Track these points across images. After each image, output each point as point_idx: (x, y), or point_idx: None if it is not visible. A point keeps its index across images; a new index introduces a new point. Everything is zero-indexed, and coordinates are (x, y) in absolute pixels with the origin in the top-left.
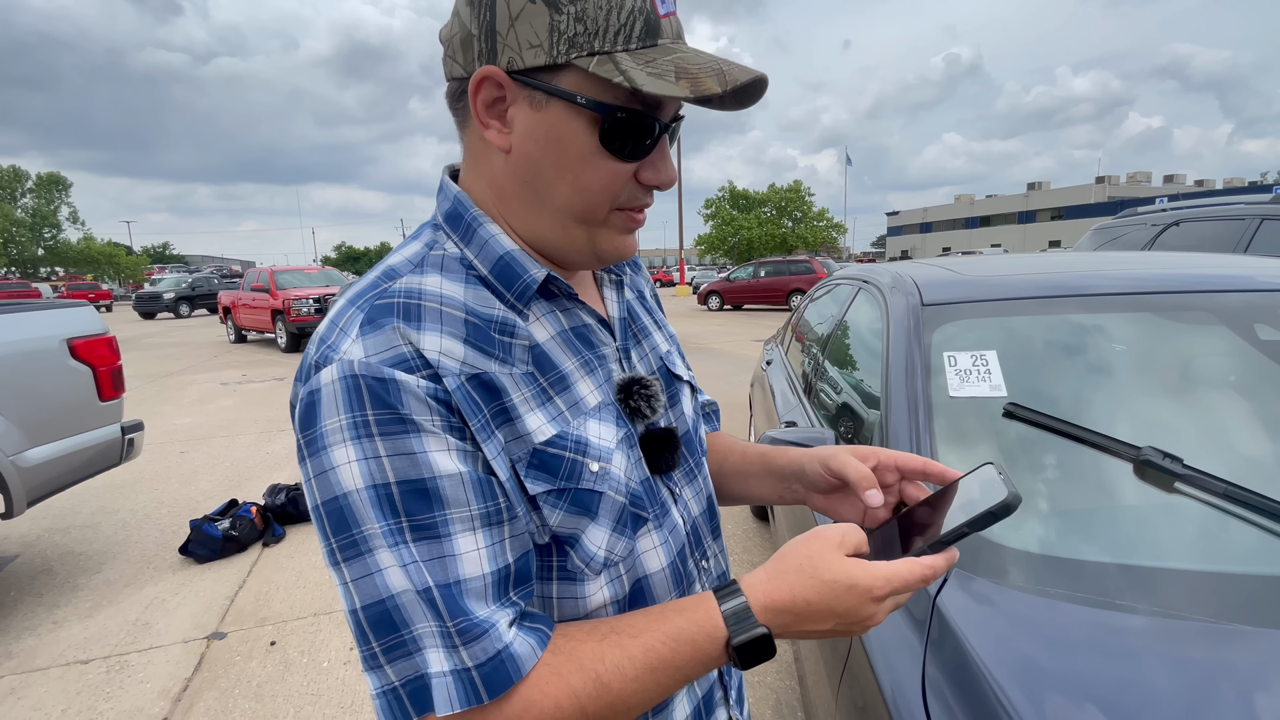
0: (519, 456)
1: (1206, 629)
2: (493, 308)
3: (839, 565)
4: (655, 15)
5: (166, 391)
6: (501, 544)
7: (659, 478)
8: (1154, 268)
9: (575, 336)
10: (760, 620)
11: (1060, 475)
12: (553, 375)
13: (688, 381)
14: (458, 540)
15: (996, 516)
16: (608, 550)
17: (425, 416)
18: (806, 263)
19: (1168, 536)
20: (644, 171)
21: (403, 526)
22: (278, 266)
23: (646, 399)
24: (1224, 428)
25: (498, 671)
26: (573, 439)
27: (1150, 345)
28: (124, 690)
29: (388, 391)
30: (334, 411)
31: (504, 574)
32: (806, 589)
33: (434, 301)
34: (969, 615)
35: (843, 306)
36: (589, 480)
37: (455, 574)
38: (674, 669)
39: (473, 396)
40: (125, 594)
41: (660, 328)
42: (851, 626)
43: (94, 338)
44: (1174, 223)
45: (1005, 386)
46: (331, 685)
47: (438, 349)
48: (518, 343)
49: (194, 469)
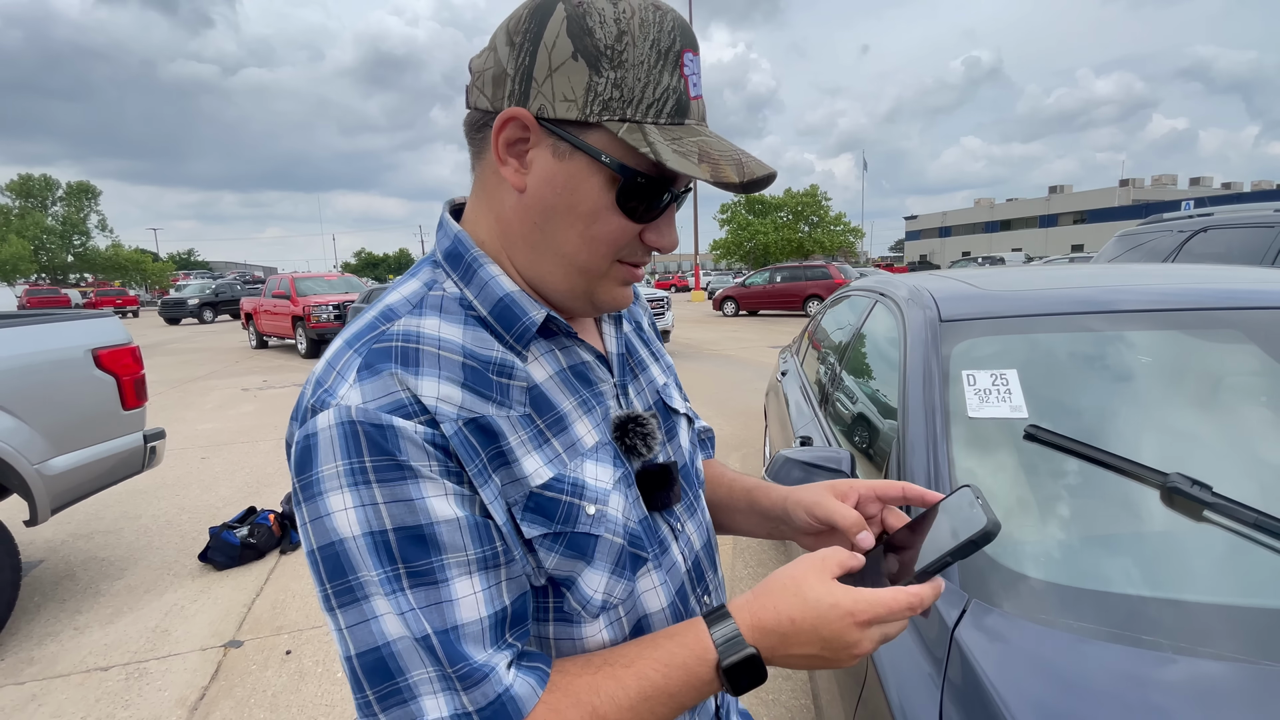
0: (515, 500)
1: (1238, 670)
2: (491, 349)
3: (822, 586)
4: (686, 97)
5: (189, 397)
6: (498, 586)
7: (658, 514)
8: (1180, 282)
9: (574, 375)
10: (748, 641)
11: (1083, 501)
12: (550, 416)
13: (685, 414)
14: (455, 585)
15: (978, 545)
16: (605, 593)
17: (423, 462)
18: (823, 268)
19: (1196, 568)
20: (649, 233)
21: (399, 573)
22: (299, 273)
23: (643, 437)
24: (1255, 452)
25: (499, 715)
26: (570, 481)
27: (1177, 364)
28: (142, 698)
29: (385, 438)
30: (331, 457)
31: (501, 616)
32: (790, 607)
33: (432, 345)
34: (988, 651)
35: (859, 319)
36: (585, 523)
37: (453, 619)
38: (668, 695)
39: (470, 441)
40: (146, 600)
41: (658, 359)
42: (838, 653)
43: (118, 348)
44: (1201, 229)
45: (1026, 407)
46: (346, 696)
47: (435, 395)
48: (515, 384)
49: (214, 475)
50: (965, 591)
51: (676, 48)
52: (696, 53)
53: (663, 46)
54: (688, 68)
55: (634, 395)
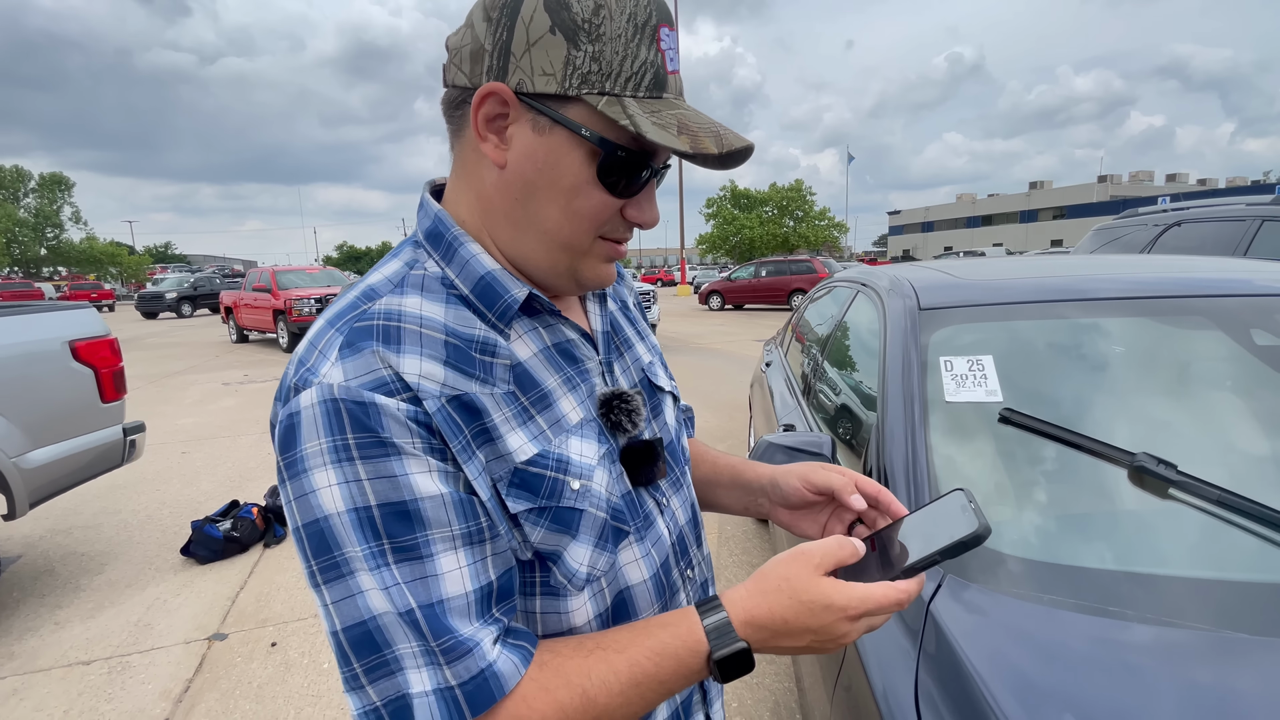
0: (500, 475)
1: (1203, 637)
2: (473, 328)
3: (816, 586)
4: (664, 71)
5: (168, 392)
6: (484, 562)
7: (644, 490)
8: (1151, 272)
9: (558, 352)
10: (740, 635)
11: (1055, 481)
12: (534, 394)
13: (670, 392)
14: (440, 560)
15: (967, 546)
16: (590, 566)
17: (406, 439)
18: (808, 262)
19: (1163, 543)
20: (630, 209)
21: (384, 549)
22: (280, 266)
23: (627, 413)
24: (1220, 433)
25: (481, 689)
26: (554, 458)
27: (1147, 350)
28: (125, 691)
29: (368, 415)
30: (314, 435)
31: (486, 591)
32: (784, 608)
33: (414, 323)
34: (962, 622)
35: (841, 309)
36: (570, 498)
37: (438, 594)
38: (658, 683)
39: (453, 418)
40: (127, 595)
41: (643, 338)
42: (825, 644)
43: (96, 340)
44: (1175, 223)
45: (1001, 392)
46: (333, 686)
47: (417, 372)
48: (499, 362)
49: (195, 470)
50: (940, 567)
51: (653, 22)
52: (673, 28)
53: (639, 20)
54: (664, 42)
55: (619, 373)
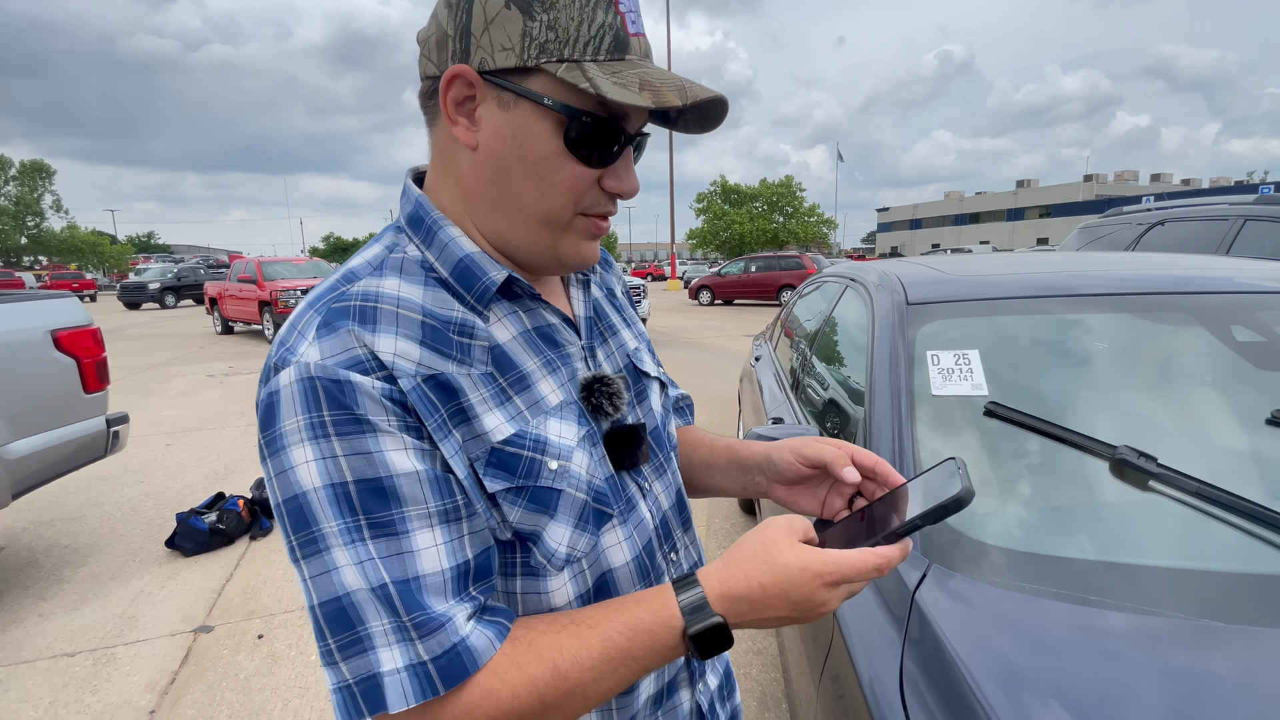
0: (477, 455)
1: (1180, 625)
2: (452, 310)
3: (792, 550)
4: (625, 33)
5: (152, 383)
6: (461, 540)
7: (627, 474)
8: (1135, 269)
9: (538, 336)
10: (716, 609)
11: (1039, 473)
12: (513, 375)
13: (656, 378)
14: (416, 537)
15: (949, 510)
16: (569, 547)
17: (381, 417)
18: (797, 258)
19: (1143, 534)
20: (607, 179)
21: (360, 524)
22: (265, 257)
23: (608, 396)
24: (1200, 427)
25: (454, 664)
26: (531, 438)
27: (1130, 345)
28: (110, 683)
29: (343, 393)
30: (292, 412)
31: (464, 569)
32: (761, 574)
33: (390, 304)
34: (946, 610)
35: (830, 304)
36: (547, 478)
37: (414, 570)
38: (631, 659)
39: (429, 397)
40: (111, 587)
41: (629, 325)
42: (806, 613)
43: (78, 329)
44: (1159, 222)
45: (987, 385)
46: (320, 678)
47: (392, 351)
48: (477, 344)
49: (180, 462)
50: (926, 557)
51: None
52: None
53: None
54: (623, 4)
55: (603, 358)
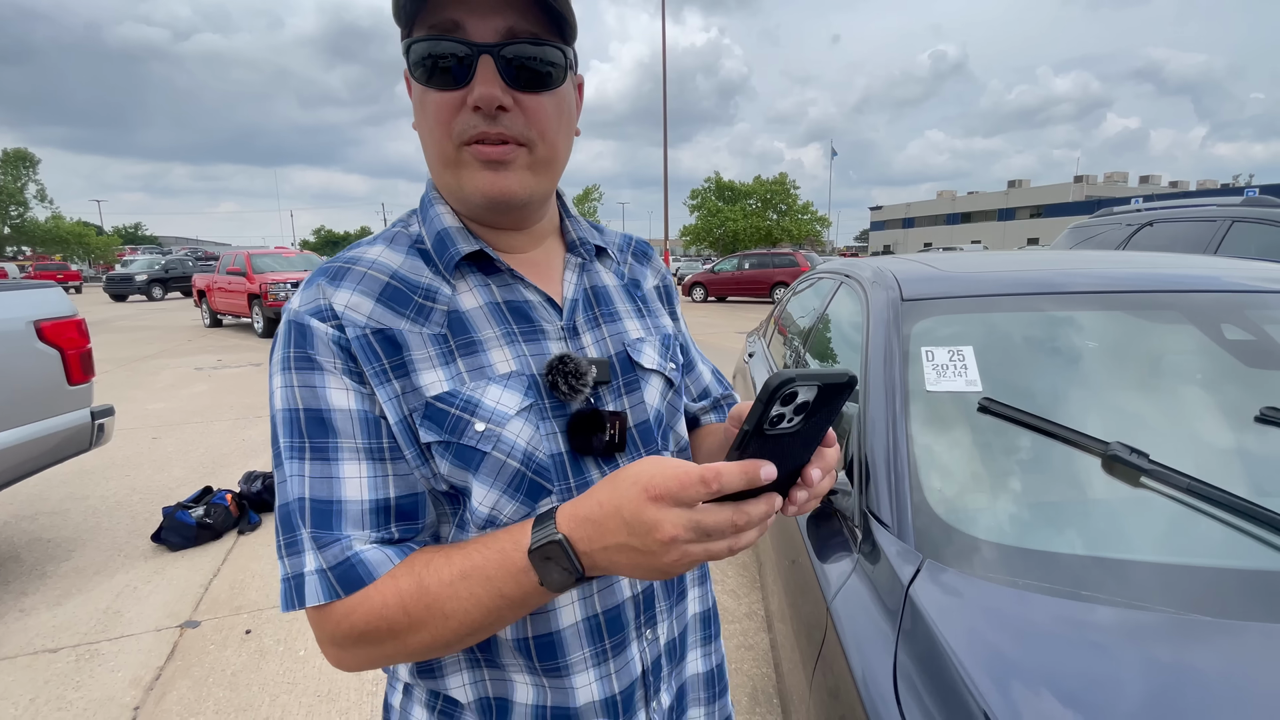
0: (415, 407)
1: (1168, 620)
2: (421, 275)
3: (626, 470)
4: None
5: (138, 376)
6: (384, 479)
7: (594, 459)
8: (1127, 267)
9: (508, 309)
10: (560, 529)
11: (1032, 469)
12: (463, 339)
13: (657, 372)
14: (343, 466)
15: (763, 411)
16: (492, 509)
17: (328, 359)
18: (790, 255)
19: (1134, 529)
20: (469, 98)
21: (304, 445)
22: (255, 249)
23: (565, 375)
24: (1190, 424)
25: (349, 574)
26: (462, 398)
27: (1121, 343)
28: (94, 679)
29: (304, 335)
30: (278, 346)
31: (383, 505)
32: (600, 489)
33: (363, 266)
34: (940, 605)
35: (824, 300)
36: (471, 438)
37: (338, 494)
38: (485, 577)
39: (372, 347)
40: (95, 582)
41: (642, 317)
42: (644, 539)
43: (62, 320)
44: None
45: (981, 381)
46: (308, 674)
47: (345, 303)
48: (438, 308)
49: (167, 455)
50: (920, 552)
51: None
52: None
53: None
54: None
55: (590, 342)
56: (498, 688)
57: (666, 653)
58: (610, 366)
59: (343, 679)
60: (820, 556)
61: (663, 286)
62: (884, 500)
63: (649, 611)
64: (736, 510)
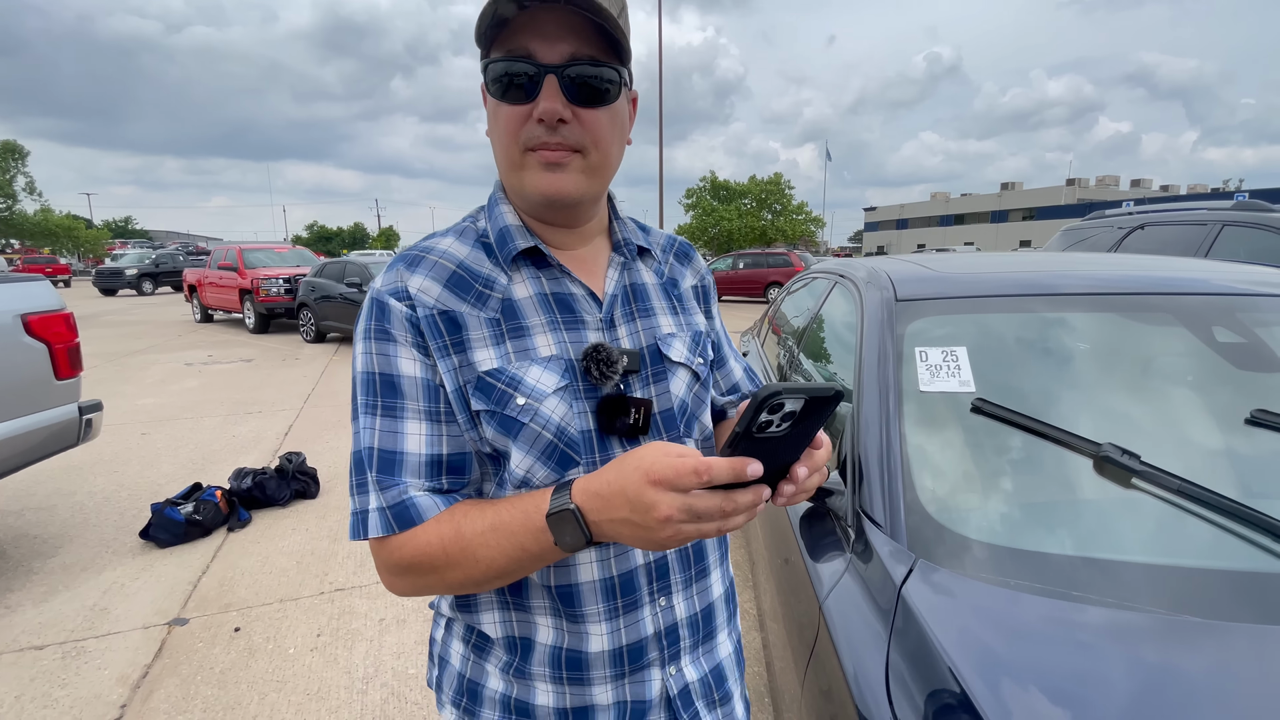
0: (469, 379)
1: (1158, 620)
2: (483, 266)
3: (633, 453)
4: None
5: (128, 371)
6: (439, 438)
7: (618, 438)
8: (1120, 269)
9: (554, 300)
10: (574, 500)
11: (1025, 470)
12: (513, 324)
13: (685, 365)
14: (407, 423)
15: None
16: (526, 471)
17: (400, 332)
18: (784, 255)
19: (1125, 530)
20: (535, 110)
21: (376, 404)
22: (247, 244)
23: (598, 363)
24: (1181, 426)
25: (403, 513)
26: (508, 375)
27: (1114, 345)
28: (80, 677)
29: (382, 311)
30: (361, 318)
31: (436, 460)
32: (609, 470)
33: (435, 256)
34: (933, 605)
35: (818, 300)
36: (513, 410)
37: (400, 446)
38: (510, 532)
39: (437, 325)
40: (82, 578)
41: (676, 314)
42: (644, 517)
43: (50, 314)
44: (1139, 226)
45: (974, 382)
46: (297, 672)
47: (418, 287)
48: (494, 295)
49: (156, 451)
50: (913, 552)
51: None
52: None
53: None
54: None
55: (625, 334)
56: (523, 628)
57: (688, 626)
58: (640, 357)
59: (331, 677)
60: (813, 555)
61: (700, 286)
62: (877, 500)
63: (662, 581)
64: (725, 498)
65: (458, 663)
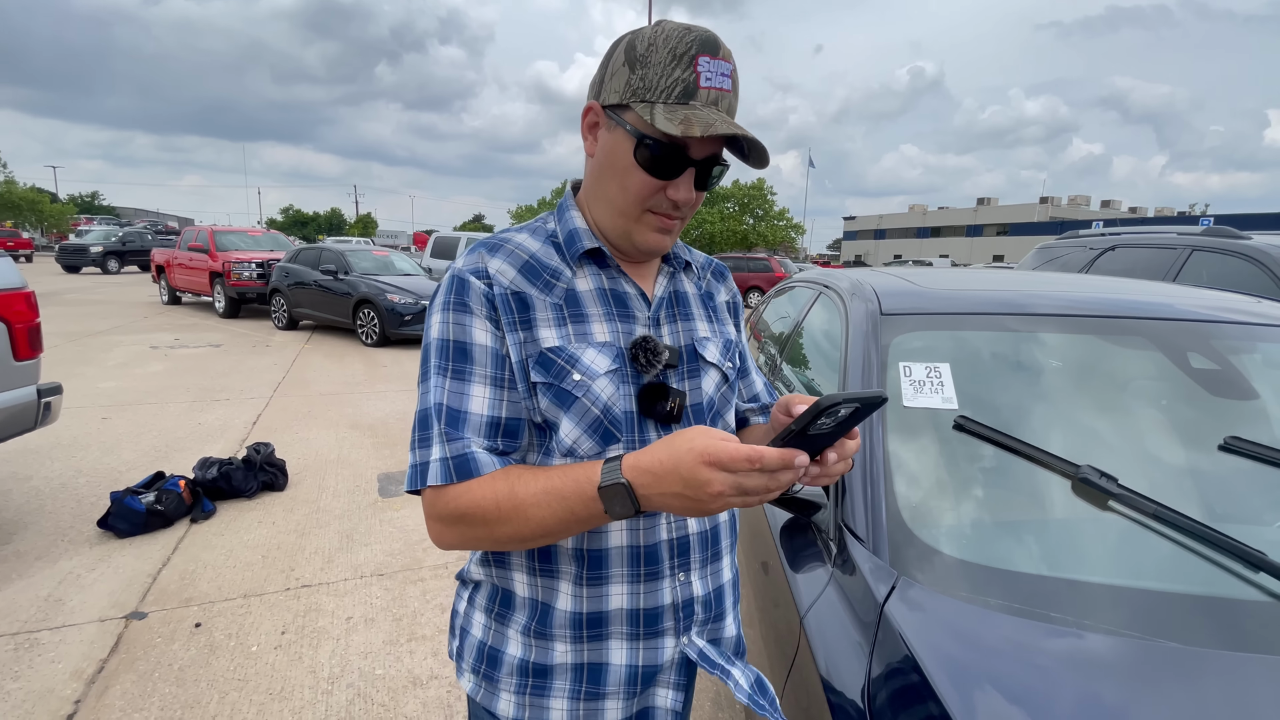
0: (531, 354)
1: (1129, 643)
2: (552, 259)
3: (683, 435)
4: (695, 85)
5: (89, 352)
6: (500, 402)
7: (654, 422)
8: (1103, 293)
9: (611, 295)
10: (624, 475)
11: (1005, 489)
12: (574, 311)
13: (716, 366)
14: (474, 385)
15: (813, 416)
16: (573, 442)
17: (478, 306)
18: (765, 261)
19: (1101, 552)
20: (671, 189)
21: (448, 366)
22: (219, 226)
23: (645, 352)
24: (1156, 450)
25: (463, 465)
26: (567, 353)
27: (1094, 368)
28: (33, 670)
29: (463, 286)
30: (440, 292)
31: (495, 422)
32: (660, 450)
33: (512, 245)
34: (916, 625)
35: (801, 310)
36: (569, 384)
37: (465, 405)
38: (561, 496)
39: (509, 303)
40: (37, 567)
41: (711, 322)
42: (697, 492)
43: (10, 291)
44: (1111, 248)
45: (957, 399)
46: (260, 670)
47: (496, 269)
48: (560, 285)
49: (117, 437)
50: (895, 569)
51: (692, 53)
52: (717, 57)
53: (679, 52)
54: (701, 66)
55: (667, 332)
56: (546, 594)
57: (703, 603)
58: (679, 354)
59: (296, 677)
60: (794, 566)
61: (732, 303)
62: (859, 514)
63: (683, 557)
64: (770, 478)
65: (479, 632)
